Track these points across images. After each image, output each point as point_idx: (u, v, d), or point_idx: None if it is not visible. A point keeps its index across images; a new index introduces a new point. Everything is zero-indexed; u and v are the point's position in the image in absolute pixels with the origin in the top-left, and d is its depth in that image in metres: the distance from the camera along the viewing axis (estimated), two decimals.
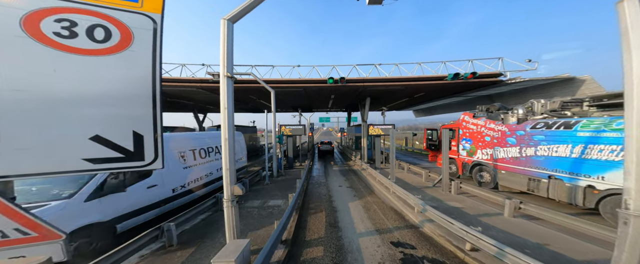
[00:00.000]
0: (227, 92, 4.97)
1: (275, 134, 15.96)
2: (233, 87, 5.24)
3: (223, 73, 4.99)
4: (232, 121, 5.10)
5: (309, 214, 8.83)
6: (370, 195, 11.23)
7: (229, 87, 5.03)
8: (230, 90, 5.03)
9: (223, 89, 4.98)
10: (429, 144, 16.21)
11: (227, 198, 5.06)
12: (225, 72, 4.98)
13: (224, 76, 4.99)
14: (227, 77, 4.99)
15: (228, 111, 4.96)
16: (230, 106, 5.03)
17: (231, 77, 5.09)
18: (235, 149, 5.17)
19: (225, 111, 4.93)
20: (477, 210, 8.38)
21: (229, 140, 4.95)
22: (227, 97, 4.95)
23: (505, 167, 9.86)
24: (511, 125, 9.61)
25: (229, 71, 5.01)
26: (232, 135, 5.04)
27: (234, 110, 21.68)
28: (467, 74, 13.06)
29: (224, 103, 4.94)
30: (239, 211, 9.31)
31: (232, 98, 5.14)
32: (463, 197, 10.03)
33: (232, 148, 5.01)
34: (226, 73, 4.98)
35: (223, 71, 4.98)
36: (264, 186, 13.19)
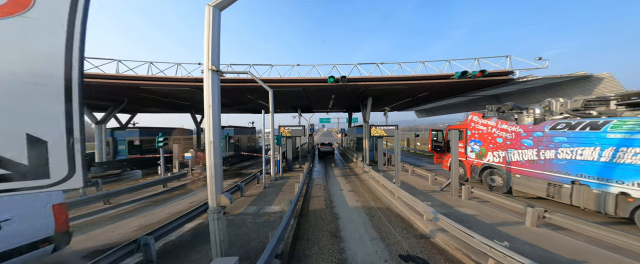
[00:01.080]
0: (212, 88, 4.29)
1: (273, 135, 15.26)
2: (219, 82, 4.55)
3: (207, 66, 4.30)
4: (218, 120, 4.41)
5: (308, 221, 8.12)
6: (374, 200, 10.52)
7: (215, 82, 4.34)
8: (216, 86, 4.35)
9: (207, 84, 4.29)
10: (434, 145, 15.50)
11: (213, 209, 4.37)
12: (210, 65, 4.30)
13: (209, 70, 4.31)
14: (212, 71, 4.31)
15: (213, 109, 4.27)
16: (216, 104, 4.34)
17: (217, 71, 4.40)
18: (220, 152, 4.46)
19: (209, 110, 4.25)
20: (494, 218, 7.66)
21: (214, 143, 4.25)
22: (212, 94, 4.27)
23: (520, 171, 9.15)
24: (527, 126, 8.91)
25: (214, 64, 4.32)
26: (218, 137, 4.35)
27: (233, 110, 20.90)
28: (475, 72, 12.37)
29: (209, 100, 4.26)
30: (232, 219, 8.68)
31: (218, 95, 4.45)
32: (474, 202, 9.32)
33: (219, 152, 4.31)
34: (211, 66, 4.30)
35: (207, 64, 4.30)
36: (261, 190, 12.49)
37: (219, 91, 4.46)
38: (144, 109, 25.98)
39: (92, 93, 15.41)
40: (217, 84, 4.42)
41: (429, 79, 14.27)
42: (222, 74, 4.60)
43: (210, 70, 4.28)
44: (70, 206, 8.00)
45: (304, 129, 19.49)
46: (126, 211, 8.82)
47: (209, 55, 4.28)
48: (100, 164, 16.25)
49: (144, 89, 15.91)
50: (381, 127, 18.05)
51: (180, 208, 9.48)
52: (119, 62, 15.86)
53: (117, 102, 18.25)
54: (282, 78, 15.86)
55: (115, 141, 19.99)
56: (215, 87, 4.33)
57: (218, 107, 4.39)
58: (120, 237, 6.77)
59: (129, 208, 9.11)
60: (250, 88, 15.98)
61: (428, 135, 16.75)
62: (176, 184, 13.39)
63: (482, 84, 14.08)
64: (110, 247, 4.86)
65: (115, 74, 13.93)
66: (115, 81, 13.13)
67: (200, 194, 12.32)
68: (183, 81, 14.16)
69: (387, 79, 14.92)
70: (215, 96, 4.32)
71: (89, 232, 7.13)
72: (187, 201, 10.62)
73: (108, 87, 14.32)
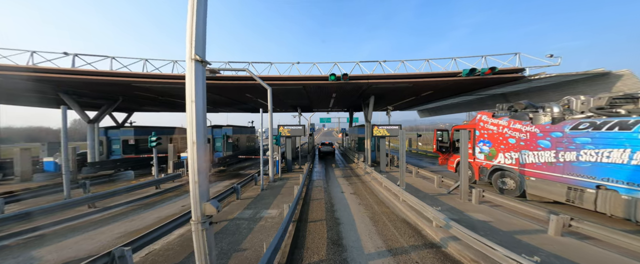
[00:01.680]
0: (196, 80, 3.65)
1: (271, 135, 14.66)
2: (205, 75, 3.93)
3: (190, 55, 3.68)
4: (203, 118, 3.78)
5: (307, 228, 7.51)
6: (378, 204, 9.90)
7: (199, 74, 3.71)
8: (200, 79, 3.72)
9: (190, 76, 3.67)
10: (440, 146, 14.89)
11: (196, 219, 3.75)
12: (193, 54, 3.67)
13: (191, 60, 3.68)
14: (195, 62, 3.68)
15: (196, 105, 3.64)
16: (201, 99, 3.72)
17: (202, 61, 3.78)
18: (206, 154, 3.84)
19: (192, 105, 3.62)
20: (510, 225, 7.03)
21: (198, 144, 3.63)
22: (195, 87, 3.64)
23: (536, 174, 8.53)
24: (544, 125, 8.28)
25: (198, 53, 3.70)
26: (203, 137, 3.73)
27: (233, 110, 20.06)
28: (484, 69, 11.74)
29: (191, 95, 3.64)
30: (226, 225, 8.07)
31: (203, 89, 3.83)
32: (486, 207, 8.69)
33: (203, 154, 3.70)
34: (194, 55, 3.67)
35: (190, 52, 3.67)
36: (259, 192, 11.88)
37: (203, 84, 3.85)
38: (141, 108, 25.42)
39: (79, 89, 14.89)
40: (202, 76, 3.81)
41: (434, 76, 13.65)
42: (208, 64, 3.97)
43: (193, 60, 3.65)
44: (50, 210, 7.41)
45: (304, 129, 18.90)
46: (112, 215, 8.21)
47: (192, 43, 3.66)
48: (93, 165, 15.65)
49: (138, 87, 15.34)
50: (384, 127, 17.44)
51: (172, 212, 8.88)
52: (113, 59, 15.30)
53: (111, 100, 17.68)
54: (281, 76, 15.26)
55: (109, 140, 19.39)
56: (199, 79, 3.70)
57: (203, 103, 3.78)
58: (97, 247, 6.14)
59: (115, 211, 8.50)
60: (248, 86, 15.41)
61: (432, 135, 16.12)
62: (170, 185, 12.78)
63: (491, 82, 13.44)
64: (80, 260, 4.26)
65: (105, 70, 13.34)
66: (104, 78, 12.55)
67: None
68: (178, 78, 13.57)
69: (390, 76, 14.31)
70: (199, 90, 3.70)
71: (62, 241, 6.51)
72: (179, 204, 10.01)
73: (99, 85, 13.75)
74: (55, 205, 7.52)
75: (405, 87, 16.11)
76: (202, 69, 3.84)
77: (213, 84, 14.62)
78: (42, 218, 7.27)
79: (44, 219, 7.20)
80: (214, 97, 19.38)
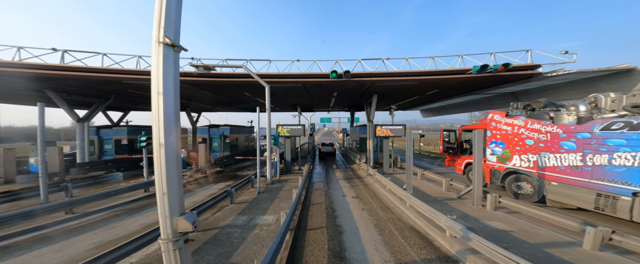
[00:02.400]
0: (165, 69, 2.90)
1: (269, 134, 13.93)
2: (177, 63, 3.18)
3: (157, 37, 2.92)
4: (175, 115, 3.03)
5: (306, 237, 6.77)
6: (382, 209, 9.14)
7: (169, 62, 2.96)
8: (170, 67, 2.97)
9: (157, 63, 2.91)
10: (447, 147, 14.13)
11: (166, 237, 3.01)
12: (162, 36, 2.92)
13: (159, 43, 2.93)
14: (164, 46, 2.93)
15: (165, 98, 2.89)
16: (171, 93, 2.96)
17: (174, 46, 3.03)
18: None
19: (159, 99, 2.87)
20: (535, 236, 6.26)
21: (167, 146, 2.87)
22: (163, 78, 2.89)
23: (558, 178, 7.77)
24: (568, 125, 7.51)
25: (169, 35, 2.94)
26: (176, 137, 2.97)
27: (231, 109, 18.96)
28: (497, 66, 10.99)
29: (158, 86, 2.88)
30: (216, 233, 7.29)
31: (175, 80, 3.08)
32: (502, 214, 7.93)
33: (176, 159, 2.95)
34: (163, 38, 2.92)
35: (157, 34, 2.92)
36: (255, 196, 11.14)
37: (176, 74, 3.09)
38: (136, 107, 24.70)
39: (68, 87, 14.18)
40: (174, 64, 3.05)
41: (442, 74, 12.91)
42: (183, 50, 3.21)
43: (161, 43, 2.90)
44: (21, 217, 6.67)
45: (304, 129, 18.16)
46: (90, 223, 7.45)
47: (160, 22, 2.91)
48: (82, 165, 14.92)
49: (131, 85, 14.63)
50: (387, 127, 16.67)
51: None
52: (105, 56, 14.59)
53: (103, 98, 16.95)
54: (280, 73, 14.54)
55: (101, 140, 18.64)
56: (170, 68, 2.95)
57: (174, 97, 3.02)
58: (61, 262, 5.36)
59: (96, 218, 7.74)
60: (246, 84, 14.69)
61: (439, 136, 15.34)
62: None
63: (503, 79, 12.67)
64: None
65: (93, 67, 12.62)
66: (91, 75, 11.83)
67: (187, 199, 11.00)
68: None
69: (395, 74, 13.57)
70: (169, 81, 2.95)
71: (23, 254, 5.66)
72: None
73: (88, 82, 13.03)
74: (22, 212, 6.75)
75: (409, 86, 15.38)
76: (174, 55, 3.08)
77: (208, 81, 13.93)
78: (6, 227, 6.49)
79: (7, 228, 6.41)
80: (211, 95, 18.69)
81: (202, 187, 13.55)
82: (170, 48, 3.01)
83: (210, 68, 13.00)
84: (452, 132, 14.34)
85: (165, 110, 2.84)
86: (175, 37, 3.08)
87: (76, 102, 17.06)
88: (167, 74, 2.89)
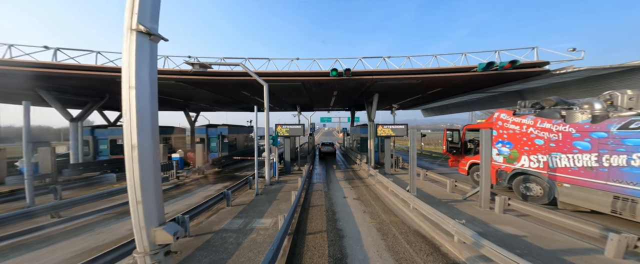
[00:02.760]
0: (138, 60, 2.51)
1: (268, 134, 13.54)
2: (155, 54, 2.78)
3: (129, 24, 2.53)
4: (152, 113, 2.63)
5: (306, 242, 6.39)
6: (385, 211, 8.76)
7: (143, 52, 2.57)
8: (145, 58, 2.58)
9: (128, 53, 2.52)
10: (450, 147, 13.75)
11: (143, 250, 2.62)
12: (135, 23, 2.53)
13: (132, 31, 2.53)
14: (138, 33, 2.54)
15: (138, 93, 2.49)
16: (146, 87, 2.58)
17: (150, 34, 2.63)
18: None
19: (131, 93, 2.48)
20: (550, 241, 5.86)
21: (141, 148, 2.48)
22: (136, 69, 2.50)
23: (571, 180, 7.37)
24: (581, 124, 7.12)
25: (143, 22, 2.55)
26: (152, 138, 2.58)
27: (231, 108, 18.40)
28: (503, 63, 10.60)
29: (130, 79, 2.49)
30: (210, 238, 6.85)
31: (152, 73, 2.68)
32: (512, 217, 7.53)
33: (152, 163, 2.56)
34: (136, 25, 2.53)
35: (129, 21, 2.53)
36: (253, 197, 10.75)
37: (152, 65, 2.71)
38: None
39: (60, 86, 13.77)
40: (150, 56, 2.66)
41: (445, 72, 12.52)
42: (162, 39, 2.82)
43: (134, 31, 2.51)
44: (2, 222, 6.28)
45: (304, 128, 17.78)
46: (76, 227, 7.03)
47: (133, 7, 2.51)
48: (75, 166, 14.53)
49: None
50: (389, 126, 16.28)
51: None
52: (99, 54, 14.21)
53: (97, 97, 16.55)
54: (278, 71, 14.17)
55: (96, 140, 18.23)
56: (144, 59, 2.56)
57: (150, 92, 2.63)
58: None
59: (83, 222, 7.33)
60: (244, 83, 14.31)
61: (439, 135, 14.95)
62: None
63: (510, 77, 12.27)
64: None
65: (85, 65, 12.23)
66: (82, 73, 11.44)
67: (181, 201, 10.60)
68: (165, 73, 12.47)
69: (397, 72, 13.19)
70: (143, 73, 2.55)
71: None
72: None
73: (80, 80, 12.64)
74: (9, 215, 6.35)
75: (411, 84, 14.99)
76: (150, 45, 2.68)
77: (205, 80, 13.56)
78: None
79: None
80: (210, 95, 18.32)
81: (199, 188, 13.17)
82: (145, 37, 2.61)
83: (207, 66, 12.61)
84: (455, 131, 13.97)
85: (138, 106, 2.45)
86: (152, 24, 2.68)
87: (70, 102, 16.66)
88: (140, 65, 2.50)
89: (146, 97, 2.49)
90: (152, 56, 2.62)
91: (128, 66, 2.43)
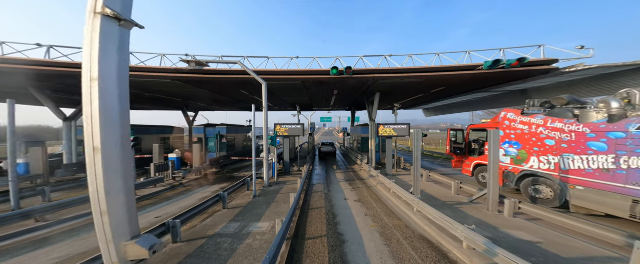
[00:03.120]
0: (102, 48, 2.14)
1: (266, 134, 13.16)
2: (127, 43, 2.40)
3: (92, 7, 2.15)
4: (123, 110, 2.25)
5: (305, 247, 6.02)
6: (387, 215, 8.38)
7: (110, 39, 2.21)
8: (111, 45, 2.21)
9: (90, 39, 2.14)
10: (454, 147, 13.38)
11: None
12: (101, 6, 2.15)
13: (95, 14, 2.15)
14: (103, 18, 2.15)
15: (102, 86, 2.13)
16: (113, 79, 2.20)
17: (119, 19, 2.25)
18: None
19: (92, 86, 2.12)
20: (568, 249, 5.46)
21: (104, 150, 2.09)
22: (97, 58, 2.12)
23: (585, 182, 7.00)
24: (597, 124, 6.74)
25: (110, 5, 2.17)
26: (119, 139, 2.20)
27: (230, 108, 17.88)
28: (511, 61, 10.22)
29: (91, 69, 2.12)
30: (203, 244, 6.40)
31: (122, 64, 2.30)
32: (523, 221, 7.14)
33: (124, 168, 2.18)
34: (102, 8, 2.15)
35: (93, 4, 2.15)
36: (251, 199, 10.37)
37: (122, 55, 2.33)
38: (131, 106, 23.96)
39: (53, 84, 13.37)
40: (119, 43, 2.28)
41: (449, 70, 12.14)
42: (134, 26, 2.44)
43: (99, 14, 2.13)
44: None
45: (303, 128, 17.39)
46: (61, 232, 6.63)
47: None
48: (69, 167, 14.15)
49: None
50: (391, 126, 15.90)
51: (141, 225, 7.36)
52: None
53: None
54: (277, 70, 13.79)
55: None
56: (110, 47, 2.18)
57: (118, 85, 2.27)
58: None
59: (69, 226, 6.93)
60: (243, 81, 13.93)
61: (439, 135, 14.56)
62: (149, 191, 11.27)
63: (517, 75, 11.89)
64: None
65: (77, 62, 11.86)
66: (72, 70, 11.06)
67: (175, 204, 10.21)
68: (159, 72, 12.10)
69: (399, 71, 12.81)
70: (109, 63, 2.18)
71: None
72: (153, 214, 8.52)
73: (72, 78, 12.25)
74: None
75: (414, 83, 14.62)
76: (119, 31, 2.30)
77: (202, 78, 13.20)
78: None
79: None
80: (209, 94, 17.94)
81: (195, 189, 12.79)
82: (113, 22, 2.23)
83: (204, 64, 12.24)
84: (459, 131, 13.59)
85: (103, 103, 2.07)
86: (123, 8, 2.30)
87: (64, 101, 16.28)
88: (106, 54, 2.12)
89: (113, 92, 2.12)
90: (122, 45, 2.25)
91: (89, 54, 2.05)
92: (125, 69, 2.30)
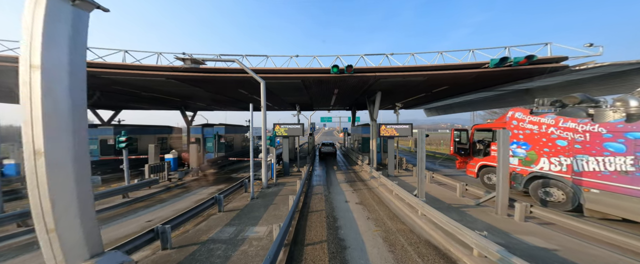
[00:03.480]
0: (46, 27, 1.76)
1: (265, 134, 12.77)
2: (84, 27, 2.03)
3: None
4: (78, 107, 1.87)
5: (304, 254, 5.65)
6: (390, 218, 8.00)
7: (58, 18, 1.83)
8: (60, 26, 1.84)
9: (31, 16, 1.76)
10: (458, 148, 12.99)
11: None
12: None
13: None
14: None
15: (44, 76, 1.74)
16: (59, 69, 1.82)
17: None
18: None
19: (32, 75, 1.73)
20: (588, 257, 5.07)
21: (48, 156, 1.71)
22: (41, 40, 1.74)
23: (600, 185, 6.62)
24: (614, 124, 6.36)
25: None
26: (79, 144, 1.82)
27: (230, 108, 17.41)
28: (518, 58, 9.85)
29: (32, 56, 1.77)
30: (195, 250, 6.01)
31: (77, 51, 1.92)
32: (535, 226, 6.76)
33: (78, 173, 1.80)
34: None
35: None
36: (248, 202, 10.00)
37: (77, 40, 1.95)
38: (127, 106, 23.57)
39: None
40: (72, 25, 1.90)
41: (454, 68, 11.78)
42: (94, 8, 2.05)
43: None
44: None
45: (303, 128, 17.02)
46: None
47: None
48: None
49: (116, 81, 13.52)
50: (393, 126, 15.53)
51: (129, 231, 7.01)
52: (87, 50, 13.48)
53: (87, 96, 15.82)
54: (276, 68, 13.43)
55: None
56: (59, 29, 1.80)
57: (69, 77, 1.87)
58: None
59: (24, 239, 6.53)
60: (241, 80, 13.54)
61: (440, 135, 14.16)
62: (143, 193, 10.89)
63: (524, 74, 11.49)
64: None
65: None
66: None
67: (169, 206, 9.83)
68: (153, 70, 11.73)
69: (401, 69, 12.45)
70: (57, 49, 1.80)
71: None
72: (144, 218, 8.13)
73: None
74: None
75: (417, 82, 14.24)
76: (73, 12, 1.92)
77: (199, 77, 12.83)
78: None
79: None
80: (208, 94, 17.56)
81: (191, 191, 12.41)
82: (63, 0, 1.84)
83: (200, 62, 11.87)
84: (463, 132, 13.21)
85: (46, 95, 1.68)
86: None
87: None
88: (52, 38, 1.74)
89: (62, 84, 1.74)
90: (76, 29, 1.87)
91: (30, 37, 1.67)
92: (82, 59, 1.92)
